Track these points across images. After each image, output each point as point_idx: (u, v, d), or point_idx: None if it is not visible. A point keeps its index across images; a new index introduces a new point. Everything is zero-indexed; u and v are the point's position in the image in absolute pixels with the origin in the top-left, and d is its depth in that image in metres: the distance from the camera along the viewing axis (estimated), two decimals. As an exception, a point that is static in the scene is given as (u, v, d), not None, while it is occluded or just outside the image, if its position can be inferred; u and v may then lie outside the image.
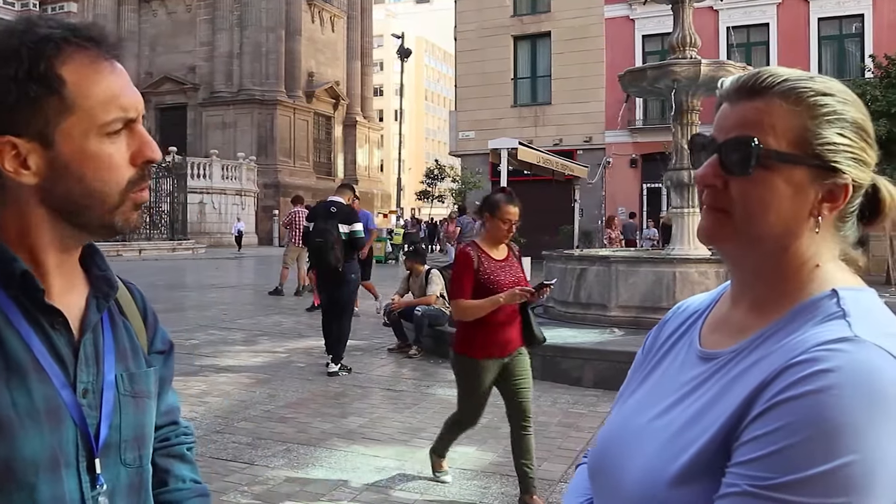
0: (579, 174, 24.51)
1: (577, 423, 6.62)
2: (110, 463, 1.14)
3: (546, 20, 30.62)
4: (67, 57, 1.06)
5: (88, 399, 1.12)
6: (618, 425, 1.12)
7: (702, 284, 9.35)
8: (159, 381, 1.31)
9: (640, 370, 1.21)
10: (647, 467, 0.98)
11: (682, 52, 11.15)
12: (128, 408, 1.18)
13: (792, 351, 0.90)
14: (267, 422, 6.53)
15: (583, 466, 1.26)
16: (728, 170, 1.00)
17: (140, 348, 1.27)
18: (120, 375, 1.18)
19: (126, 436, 1.17)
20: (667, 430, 1.00)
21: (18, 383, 1.04)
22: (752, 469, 0.85)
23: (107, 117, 1.07)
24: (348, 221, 8.61)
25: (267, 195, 44.44)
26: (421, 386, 8.12)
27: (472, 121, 31.39)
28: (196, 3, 50.27)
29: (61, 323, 1.11)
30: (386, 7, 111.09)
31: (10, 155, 1.05)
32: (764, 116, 0.99)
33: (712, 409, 0.95)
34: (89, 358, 1.14)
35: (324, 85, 52.82)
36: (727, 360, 1.01)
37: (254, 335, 11.31)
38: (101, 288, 1.19)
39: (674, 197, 11.44)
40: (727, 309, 1.10)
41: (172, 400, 1.40)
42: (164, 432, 1.37)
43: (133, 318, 1.29)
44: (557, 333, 9.43)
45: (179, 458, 1.38)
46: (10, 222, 1.11)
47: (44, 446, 1.05)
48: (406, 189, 57.23)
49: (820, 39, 26.85)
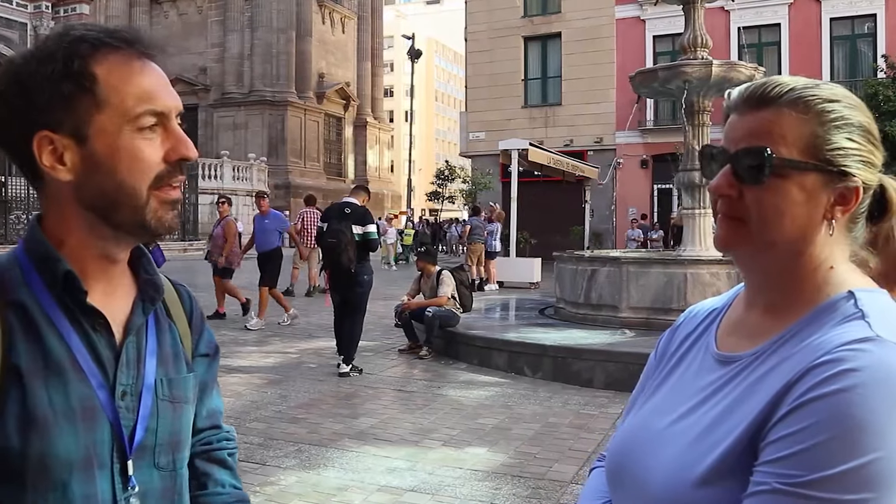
0: (590, 175, 24.50)
1: (589, 425, 6.61)
2: (143, 465, 1.15)
3: (556, 21, 30.59)
4: (101, 56, 1.09)
5: (126, 401, 1.13)
6: (637, 429, 1.13)
7: (713, 286, 9.33)
8: (202, 385, 1.32)
9: (656, 375, 1.22)
10: (673, 469, 0.99)
11: (694, 52, 11.11)
12: (165, 412, 1.19)
13: (815, 352, 0.92)
14: (278, 422, 6.55)
15: (597, 470, 1.27)
16: (742, 179, 1.02)
17: (182, 353, 1.27)
18: (160, 380, 1.19)
19: (161, 439, 1.18)
20: (690, 432, 1.01)
21: (56, 382, 1.07)
22: (781, 467, 0.87)
23: (137, 111, 1.09)
24: (362, 223, 8.63)
25: (278, 196, 44.49)
26: (432, 387, 8.13)
27: (482, 122, 31.39)
28: (207, 5, 50.46)
29: (102, 325, 1.13)
30: (396, 8, 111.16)
31: (47, 150, 1.09)
32: (774, 126, 1.01)
33: (736, 411, 0.97)
34: (131, 361, 1.16)
35: (334, 86, 52.92)
36: (747, 363, 1.03)
37: (265, 336, 11.34)
38: (147, 292, 1.21)
39: (685, 198, 11.41)
40: (743, 312, 1.12)
41: (216, 404, 1.40)
42: (206, 436, 1.37)
43: (179, 320, 1.30)
44: (568, 335, 9.44)
45: (220, 463, 1.38)
46: (54, 223, 1.14)
47: (78, 446, 1.07)
48: (416, 190, 57.17)
49: (832, 40, 26.73)
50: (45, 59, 1.07)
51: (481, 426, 6.51)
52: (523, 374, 8.64)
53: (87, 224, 1.13)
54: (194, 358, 1.32)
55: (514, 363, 8.83)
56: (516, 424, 6.62)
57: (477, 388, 8.09)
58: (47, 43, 1.09)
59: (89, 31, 1.11)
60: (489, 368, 9.01)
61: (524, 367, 8.69)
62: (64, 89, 1.07)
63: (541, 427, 6.53)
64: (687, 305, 4.75)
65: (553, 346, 8.72)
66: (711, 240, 11.22)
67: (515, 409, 7.17)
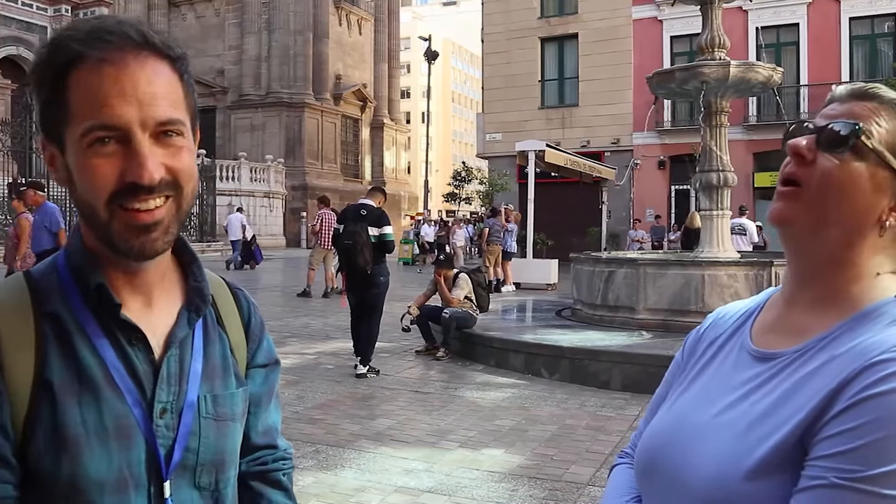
0: (607, 176, 24.45)
1: (606, 427, 6.59)
2: (183, 485, 1.10)
3: (573, 22, 30.51)
4: (79, 62, 1.02)
5: (166, 419, 1.08)
6: (672, 423, 1.13)
7: (731, 287, 9.29)
8: (256, 398, 1.26)
9: (684, 373, 1.22)
10: (720, 461, 1.00)
11: (711, 53, 11.06)
12: (208, 431, 1.13)
13: (869, 351, 0.93)
14: (296, 423, 6.57)
15: (621, 466, 1.27)
16: (823, 145, 1.03)
17: (232, 366, 1.20)
18: (203, 397, 1.13)
19: (203, 459, 1.12)
20: (736, 426, 1.02)
21: (89, 399, 1.03)
22: (838, 462, 0.88)
23: (86, 124, 1.01)
24: (378, 224, 8.64)
25: (295, 197, 44.65)
26: (449, 388, 8.13)
27: (499, 123, 31.36)
28: (225, 7, 50.66)
29: (139, 339, 1.08)
30: (413, 9, 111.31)
31: (47, 155, 1.08)
32: (873, 114, 1.04)
33: (784, 406, 0.98)
34: (172, 376, 1.10)
35: (351, 87, 53.00)
36: (791, 359, 1.03)
37: (282, 337, 11.38)
38: (193, 301, 1.15)
39: (702, 199, 11.35)
40: (782, 310, 1.12)
41: (273, 420, 1.32)
42: (262, 455, 1.31)
43: (232, 329, 1.23)
44: (585, 336, 9.42)
45: (275, 484, 1.33)
46: (85, 232, 1.11)
47: (111, 467, 1.03)
48: (433, 191, 57.20)
49: (851, 39, 26.49)
50: (37, 65, 1.05)
51: (498, 427, 6.51)
52: (540, 375, 8.63)
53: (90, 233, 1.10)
54: (249, 369, 1.26)
55: (531, 365, 8.82)
56: (533, 426, 6.61)
57: (494, 389, 8.09)
58: (44, 47, 1.06)
59: (75, 32, 1.03)
60: (506, 370, 9.01)
61: (541, 368, 8.68)
62: (47, 97, 1.04)
63: (557, 429, 6.53)
64: (705, 307, 4.82)
65: (570, 348, 8.70)
66: (729, 241, 11.27)
67: (532, 410, 7.16)
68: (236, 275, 24.19)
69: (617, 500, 1.22)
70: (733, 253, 11.26)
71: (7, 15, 41.63)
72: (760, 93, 13.85)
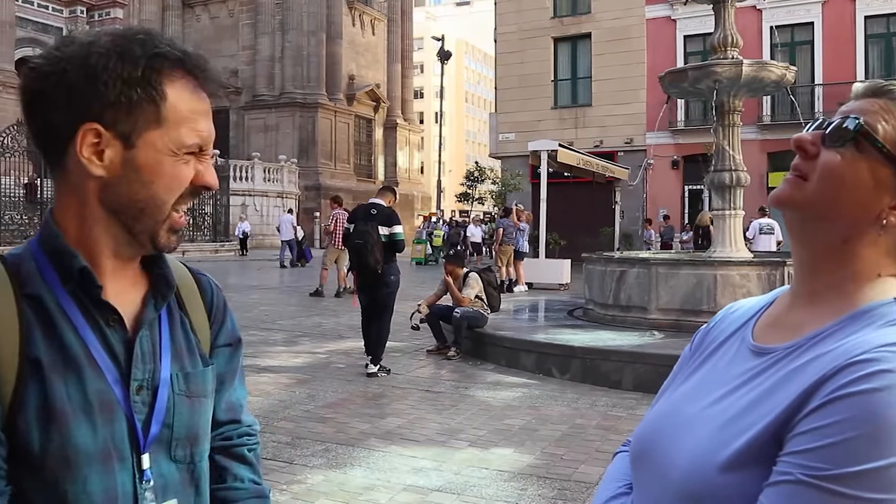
0: (620, 176, 24.39)
1: (616, 426, 6.58)
2: (160, 459, 1.17)
3: (586, 21, 30.46)
4: (176, 77, 1.14)
5: (142, 396, 1.15)
6: (665, 414, 1.14)
7: (743, 287, 9.25)
8: (220, 377, 1.32)
9: (688, 365, 1.23)
10: (698, 452, 1.00)
11: (724, 52, 11.01)
12: (182, 407, 1.20)
13: (853, 350, 0.92)
14: (306, 422, 6.59)
15: (621, 454, 1.28)
16: (827, 139, 1.04)
17: (196, 346, 1.28)
18: (175, 374, 1.20)
19: (178, 434, 1.19)
20: (719, 419, 1.02)
21: (73, 376, 1.09)
22: (806, 459, 0.87)
23: (188, 140, 1.14)
24: (388, 223, 8.66)
25: (308, 197, 44.79)
26: (460, 387, 8.13)
27: (512, 123, 31.34)
28: (239, 8, 50.88)
29: (116, 320, 1.15)
30: (426, 10, 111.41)
31: (90, 142, 1.10)
32: (880, 111, 1.03)
33: (767, 401, 0.98)
34: (146, 355, 1.17)
35: (364, 88, 53.12)
36: (782, 355, 1.03)
37: (294, 336, 11.41)
38: (159, 287, 1.22)
39: (715, 199, 11.31)
40: (785, 307, 1.12)
41: (237, 396, 1.39)
42: (226, 430, 1.36)
43: (195, 312, 1.31)
44: (597, 336, 9.41)
45: (239, 458, 1.37)
46: (70, 219, 1.15)
47: (96, 439, 1.09)
48: (446, 191, 57.22)
49: (867, 38, 26.30)
50: (126, 60, 1.10)
51: (508, 427, 6.51)
52: (551, 375, 8.61)
53: (104, 223, 1.15)
54: (214, 349, 1.32)
55: (542, 364, 8.81)
56: (543, 425, 6.60)
57: (504, 388, 8.08)
58: (131, 45, 1.11)
59: (171, 48, 1.14)
60: (517, 369, 9.00)
61: (552, 368, 8.67)
62: (134, 95, 1.10)
63: (568, 428, 6.52)
64: (717, 307, 4.77)
65: (581, 348, 8.69)
66: (742, 241, 11.22)
67: (543, 410, 7.15)
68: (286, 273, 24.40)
69: (610, 486, 1.22)
70: (746, 253, 11.21)
71: (23, 16, 41.95)
72: (773, 92, 13.76)
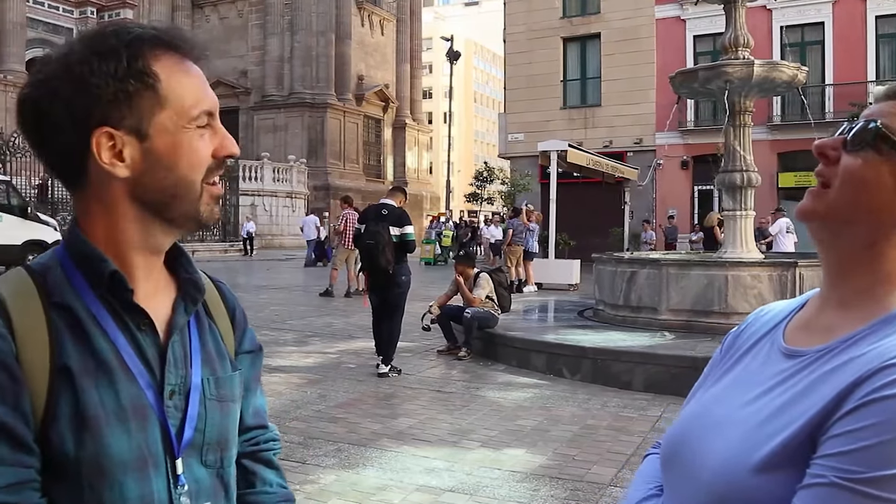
0: (629, 176, 24.34)
1: (627, 427, 6.57)
2: (193, 464, 1.16)
3: (596, 21, 30.44)
4: (159, 55, 1.12)
5: (175, 401, 1.14)
6: (696, 415, 1.14)
7: (754, 288, 9.23)
8: (246, 383, 1.32)
9: (719, 367, 1.23)
10: (730, 454, 1.00)
11: (735, 52, 10.98)
12: (213, 411, 1.20)
13: (886, 353, 0.92)
14: (318, 422, 6.60)
15: (651, 455, 1.28)
16: (848, 144, 1.03)
17: (226, 351, 1.28)
18: (206, 379, 1.20)
19: (210, 438, 1.19)
20: (751, 420, 1.02)
21: (105, 382, 1.07)
22: (841, 462, 0.87)
23: (195, 112, 1.13)
24: (399, 224, 8.66)
25: (317, 197, 44.82)
26: (471, 388, 8.14)
27: (521, 123, 31.34)
28: (248, 9, 50.99)
29: (147, 324, 1.14)
30: (435, 10, 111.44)
31: (106, 146, 1.09)
32: None
33: (800, 403, 0.97)
34: (178, 360, 1.16)
35: (373, 88, 53.18)
36: (815, 357, 1.03)
37: (305, 336, 11.44)
38: (188, 291, 1.22)
39: (726, 199, 11.29)
40: (816, 309, 1.12)
41: (260, 402, 1.40)
42: (253, 436, 1.37)
43: (220, 319, 1.30)
44: (608, 337, 9.40)
45: (267, 463, 1.38)
46: (98, 222, 1.14)
47: (131, 445, 1.08)
48: (455, 191, 57.24)
49: (878, 38, 26.21)
50: (107, 57, 1.08)
51: (520, 427, 6.51)
52: (562, 375, 8.61)
53: (136, 220, 1.14)
54: (238, 356, 1.32)
55: (553, 365, 8.81)
56: (555, 426, 6.60)
57: (515, 389, 8.09)
58: (105, 40, 1.10)
59: (144, 29, 1.13)
60: (528, 370, 9.00)
61: (563, 368, 8.67)
62: (129, 87, 1.09)
63: (579, 429, 6.52)
64: (728, 308, 4.81)
65: (592, 348, 8.68)
66: (752, 242, 11.19)
67: (554, 410, 7.15)
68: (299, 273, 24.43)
69: (640, 487, 1.22)
70: (757, 253, 11.19)
71: (34, 17, 42.13)
72: (784, 92, 13.73)
